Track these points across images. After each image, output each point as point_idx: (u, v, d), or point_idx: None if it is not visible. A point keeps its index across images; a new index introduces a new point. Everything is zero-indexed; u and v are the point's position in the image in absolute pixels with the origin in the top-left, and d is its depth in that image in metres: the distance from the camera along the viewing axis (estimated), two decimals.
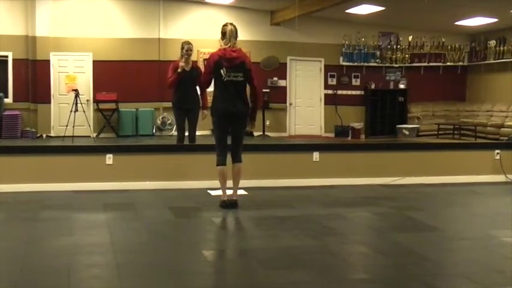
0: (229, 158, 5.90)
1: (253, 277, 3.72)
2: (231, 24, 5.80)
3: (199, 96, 7.77)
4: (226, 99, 5.73)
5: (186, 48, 7.64)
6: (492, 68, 15.29)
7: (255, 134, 14.06)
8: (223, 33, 5.75)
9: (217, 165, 5.85)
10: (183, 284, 3.54)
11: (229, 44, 5.72)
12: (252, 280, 3.66)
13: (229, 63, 5.68)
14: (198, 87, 7.64)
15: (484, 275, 3.74)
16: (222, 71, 5.68)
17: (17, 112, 13.13)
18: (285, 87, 15.11)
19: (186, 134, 7.99)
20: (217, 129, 5.92)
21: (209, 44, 13.45)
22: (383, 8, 13.34)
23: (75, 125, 11.90)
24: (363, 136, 15.21)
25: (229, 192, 5.91)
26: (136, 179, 6.95)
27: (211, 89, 6.12)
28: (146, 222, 5.30)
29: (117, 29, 13.96)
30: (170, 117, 13.75)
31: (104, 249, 4.26)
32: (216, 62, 5.70)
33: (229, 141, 5.96)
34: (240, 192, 6.17)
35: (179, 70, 7.53)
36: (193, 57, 7.93)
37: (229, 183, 5.93)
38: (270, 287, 3.51)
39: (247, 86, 5.90)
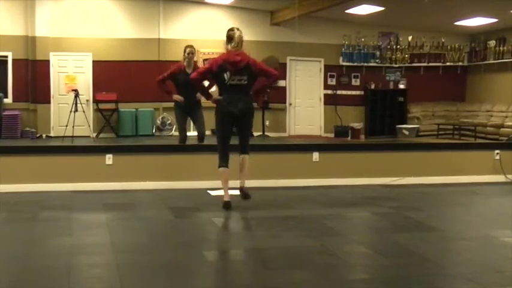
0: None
1: (253, 277, 3.72)
2: (238, 30, 5.74)
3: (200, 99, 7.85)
4: (230, 103, 5.69)
5: (188, 51, 7.73)
6: (492, 68, 15.30)
7: (255, 134, 14.06)
8: (231, 38, 5.69)
9: (219, 167, 5.82)
10: (183, 284, 3.54)
11: (235, 48, 5.66)
12: (252, 280, 3.66)
13: (233, 67, 5.64)
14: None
15: (484, 275, 3.74)
16: (225, 75, 5.65)
17: (16, 112, 13.12)
18: (284, 88, 15.10)
19: (189, 134, 8.00)
20: (220, 132, 5.84)
21: (209, 44, 13.47)
22: (383, 8, 13.34)
23: (74, 125, 11.89)
24: (362, 136, 15.21)
25: (230, 192, 5.89)
26: (136, 179, 6.95)
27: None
28: (146, 222, 5.30)
29: (117, 29, 13.96)
30: (170, 117, 13.75)
31: (104, 249, 4.26)
32: (220, 66, 5.66)
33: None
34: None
35: (177, 100, 7.75)
36: (194, 58, 7.94)
37: (231, 183, 5.89)
38: (270, 287, 3.51)
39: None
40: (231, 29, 5.79)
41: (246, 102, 5.78)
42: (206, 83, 6.40)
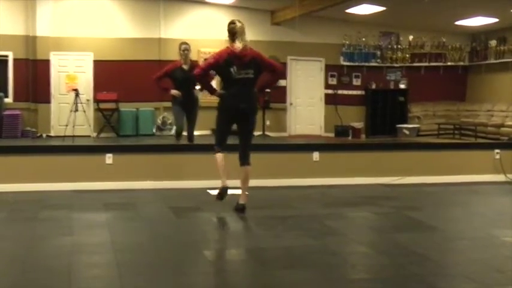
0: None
1: (253, 277, 3.72)
2: (239, 21, 5.63)
3: (197, 96, 7.88)
4: (236, 97, 5.59)
5: (183, 48, 7.84)
6: (493, 68, 15.28)
7: (255, 133, 14.03)
8: (233, 33, 5.56)
9: (215, 153, 5.70)
10: (183, 283, 3.54)
11: (239, 42, 5.53)
12: (253, 280, 3.66)
13: (240, 61, 5.53)
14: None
15: (484, 274, 3.74)
16: (232, 69, 5.54)
17: (17, 112, 13.10)
18: (285, 87, 15.08)
19: (184, 133, 8.01)
20: (221, 124, 5.74)
21: (209, 44, 13.45)
22: (383, 8, 13.33)
23: (75, 124, 11.87)
24: (363, 136, 15.20)
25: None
26: (136, 178, 6.95)
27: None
28: (146, 221, 5.30)
29: (118, 29, 13.95)
30: (170, 117, 13.70)
31: (104, 248, 4.26)
32: (226, 61, 5.55)
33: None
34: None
35: (175, 96, 7.79)
36: (194, 57, 7.98)
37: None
38: (271, 287, 3.51)
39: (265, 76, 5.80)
40: (232, 22, 5.64)
41: (252, 97, 5.70)
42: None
